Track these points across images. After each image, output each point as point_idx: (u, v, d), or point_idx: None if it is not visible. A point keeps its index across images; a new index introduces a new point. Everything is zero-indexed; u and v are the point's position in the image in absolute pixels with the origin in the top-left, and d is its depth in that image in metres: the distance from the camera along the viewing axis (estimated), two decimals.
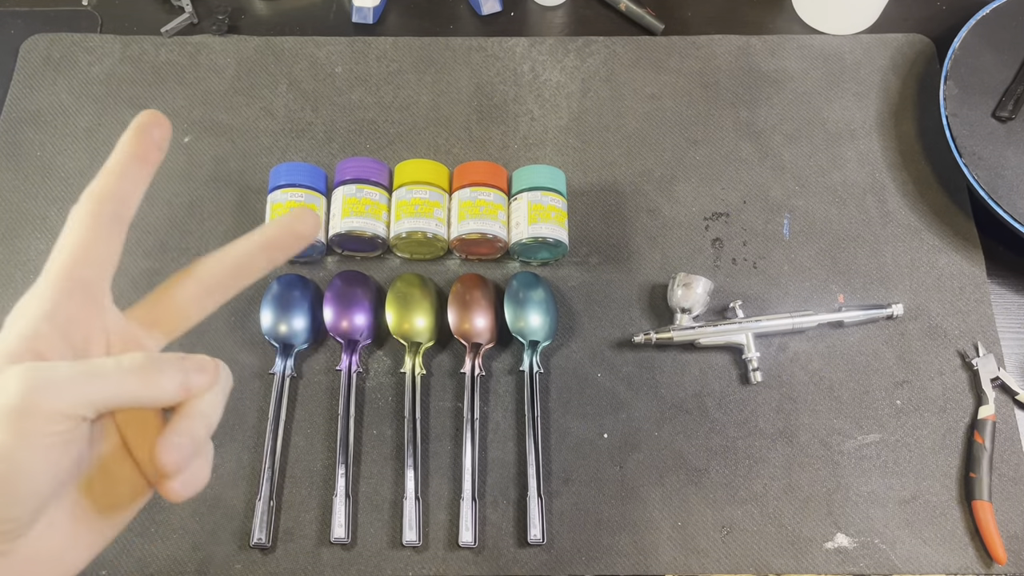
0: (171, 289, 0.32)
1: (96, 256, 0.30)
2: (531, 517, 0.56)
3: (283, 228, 0.33)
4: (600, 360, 0.62)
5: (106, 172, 0.31)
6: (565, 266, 0.65)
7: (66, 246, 0.29)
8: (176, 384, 0.28)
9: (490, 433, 0.60)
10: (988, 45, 0.69)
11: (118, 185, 0.31)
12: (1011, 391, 0.61)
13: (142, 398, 0.28)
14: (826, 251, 0.66)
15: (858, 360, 0.62)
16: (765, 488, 0.59)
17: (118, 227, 0.30)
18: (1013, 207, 0.62)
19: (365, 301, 0.62)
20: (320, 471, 0.58)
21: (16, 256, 0.65)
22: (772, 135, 0.70)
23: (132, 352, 0.29)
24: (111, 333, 0.30)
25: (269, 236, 0.33)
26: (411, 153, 0.69)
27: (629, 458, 0.59)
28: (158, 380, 0.28)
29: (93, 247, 0.30)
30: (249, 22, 0.75)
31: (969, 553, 0.57)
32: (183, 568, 0.56)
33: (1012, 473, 0.59)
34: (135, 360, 0.28)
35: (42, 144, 0.69)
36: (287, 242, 0.33)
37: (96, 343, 0.29)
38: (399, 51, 0.74)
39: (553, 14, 0.76)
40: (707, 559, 0.57)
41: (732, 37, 0.75)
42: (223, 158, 0.69)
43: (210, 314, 0.33)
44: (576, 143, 0.70)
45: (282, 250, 0.33)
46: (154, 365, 0.28)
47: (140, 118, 0.32)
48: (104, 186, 0.30)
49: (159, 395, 0.28)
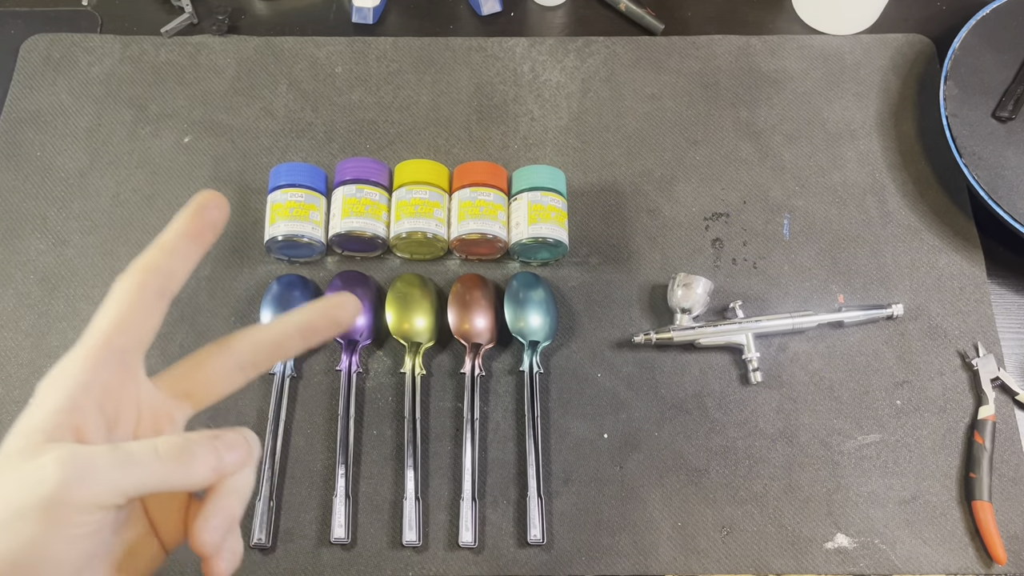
0: (204, 362, 0.32)
1: (138, 328, 0.30)
2: (531, 517, 0.56)
3: (323, 314, 0.33)
4: (600, 360, 0.62)
5: (158, 247, 0.31)
6: (565, 266, 0.65)
7: (109, 316, 0.29)
8: (209, 468, 0.28)
9: (490, 433, 0.60)
10: (988, 45, 0.69)
11: (169, 261, 0.31)
12: (1011, 391, 0.61)
13: (176, 484, 0.28)
14: (826, 251, 0.66)
15: (858, 360, 0.62)
16: (765, 488, 0.59)
17: (162, 302, 0.31)
18: (1013, 207, 0.62)
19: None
20: (320, 471, 0.58)
21: (16, 256, 0.65)
22: (772, 135, 0.70)
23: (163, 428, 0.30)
24: (142, 405, 0.30)
25: (309, 320, 0.33)
26: (411, 153, 0.69)
27: (629, 458, 0.59)
28: (192, 466, 0.28)
29: (136, 319, 0.30)
30: (249, 22, 0.75)
31: (969, 553, 0.57)
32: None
33: (1012, 473, 0.59)
34: (170, 445, 0.27)
35: (42, 144, 0.69)
36: (325, 328, 0.33)
37: (127, 416, 0.29)
38: (399, 51, 0.74)
39: (553, 14, 0.76)
40: (707, 559, 0.57)
41: (732, 37, 0.75)
42: (223, 158, 0.69)
43: (240, 388, 0.33)
44: (576, 143, 0.70)
45: (319, 335, 0.33)
46: (188, 450, 0.28)
47: (199, 198, 0.32)
48: (154, 261, 0.31)
49: (193, 481, 0.28)
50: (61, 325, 0.62)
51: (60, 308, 0.63)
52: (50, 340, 0.62)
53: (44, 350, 0.61)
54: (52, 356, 0.61)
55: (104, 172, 0.68)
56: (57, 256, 0.65)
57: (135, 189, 0.67)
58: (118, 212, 0.67)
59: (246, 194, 0.67)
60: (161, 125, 0.70)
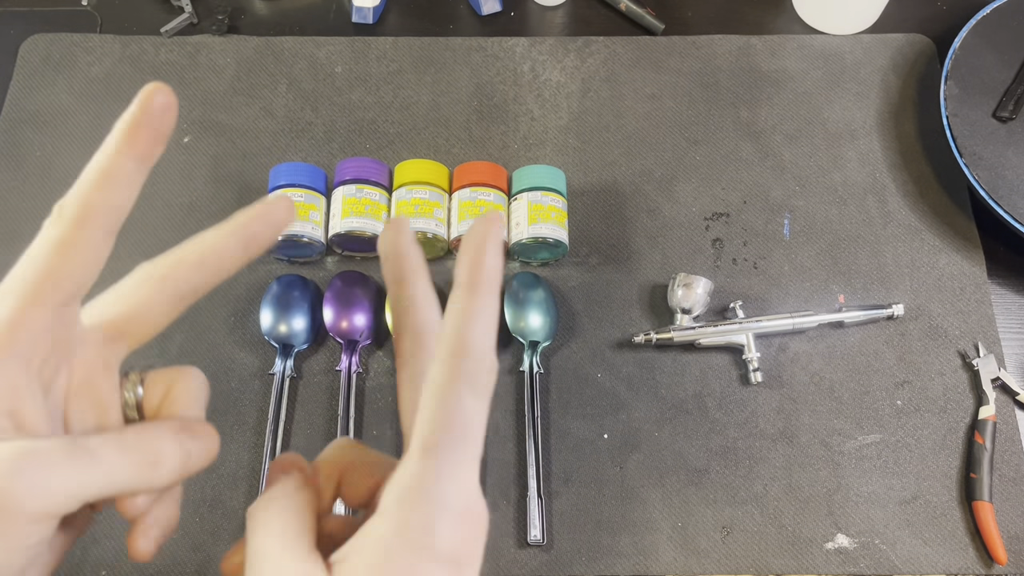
0: (136, 293, 0.27)
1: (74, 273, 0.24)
2: (531, 517, 0.56)
3: (257, 216, 0.28)
4: (600, 360, 0.62)
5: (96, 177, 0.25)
6: (565, 266, 0.65)
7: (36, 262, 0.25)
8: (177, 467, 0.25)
9: (490, 433, 0.60)
10: (988, 45, 0.69)
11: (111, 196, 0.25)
12: (1011, 391, 0.61)
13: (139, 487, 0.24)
14: (826, 251, 0.66)
15: (858, 360, 0.62)
16: (765, 488, 0.59)
17: (107, 239, 0.25)
18: (1013, 207, 0.62)
19: (365, 301, 0.62)
20: None
21: (16, 256, 0.64)
22: (772, 135, 0.70)
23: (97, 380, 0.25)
24: (76, 357, 0.25)
25: (243, 224, 0.27)
26: (411, 153, 0.69)
27: (629, 458, 0.59)
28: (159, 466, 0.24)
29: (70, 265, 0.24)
30: (249, 22, 0.75)
31: (969, 553, 0.57)
32: (183, 568, 0.56)
33: (1012, 473, 0.59)
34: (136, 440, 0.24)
35: (42, 144, 0.69)
36: (263, 230, 0.28)
37: (62, 374, 0.25)
38: (399, 51, 0.74)
39: (553, 14, 0.76)
40: (707, 560, 0.57)
41: (732, 37, 0.75)
42: (223, 158, 0.69)
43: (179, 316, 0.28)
44: (576, 143, 0.70)
45: (257, 240, 0.28)
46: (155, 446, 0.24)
47: (143, 97, 0.25)
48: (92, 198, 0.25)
49: (158, 484, 0.24)
50: None
51: None
52: None
53: None
54: None
55: None
56: None
57: None
58: None
59: (246, 194, 0.67)
60: None
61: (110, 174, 0.25)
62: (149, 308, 0.27)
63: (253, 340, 0.62)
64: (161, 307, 0.27)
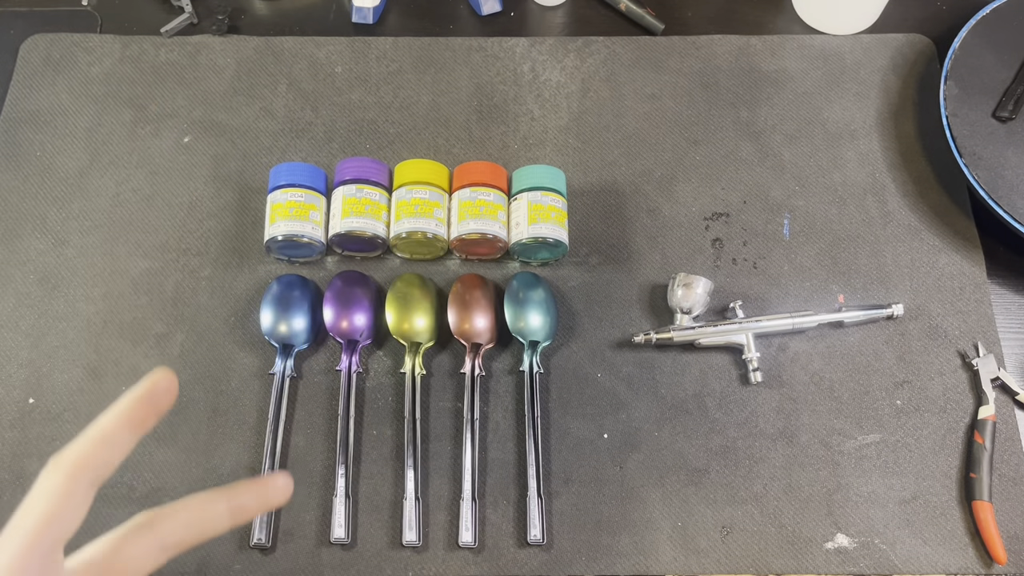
0: (126, 544, 0.30)
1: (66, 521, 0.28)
2: (531, 517, 0.56)
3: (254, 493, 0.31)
4: (600, 360, 0.62)
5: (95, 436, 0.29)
6: (565, 266, 0.65)
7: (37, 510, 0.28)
8: None
9: (490, 433, 0.60)
10: (988, 45, 0.69)
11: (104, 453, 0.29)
12: (1011, 391, 0.61)
13: None
14: (826, 251, 0.66)
15: (858, 360, 0.62)
16: (765, 488, 0.59)
17: (92, 492, 0.29)
18: (1013, 207, 0.62)
19: (365, 301, 0.62)
20: (320, 471, 0.58)
21: (16, 256, 0.65)
22: (772, 135, 0.70)
23: None
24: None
25: (237, 497, 0.31)
26: (411, 153, 0.69)
27: (629, 458, 0.59)
28: None
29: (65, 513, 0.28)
30: (249, 22, 0.75)
31: (969, 553, 0.57)
32: (183, 568, 0.56)
33: (1012, 473, 0.59)
34: None
35: (42, 144, 0.69)
36: (255, 507, 0.31)
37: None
38: (399, 51, 0.74)
39: (553, 14, 0.76)
40: (707, 559, 0.57)
41: (732, 37, 0.75)
42: (223, 158, 0.69)
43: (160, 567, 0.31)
44: (576, 143, 0.70)
45: (247, 513, 0.31)
46: None
47: (151, 381, 0.30)
48: (89, 453, 0.28)
49: None
50: (61, 325, 0.62)
51: (60, 308, 0.63)
52: (49, 340, 0.62)
53: (44, 350, 0.61)
54: (51, 356, 0.61)
55: (104, 172, 0.68)
56: (57, 256, 0.65)
57: (135, 189, 0.67)
58: (118, 212, 0.66)
59: (246, 194, 0.67)
60: (161, 125, 0.70)
61: (107, 439, 0.29)
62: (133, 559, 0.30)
63: (253, 340, 0.62)
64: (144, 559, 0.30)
